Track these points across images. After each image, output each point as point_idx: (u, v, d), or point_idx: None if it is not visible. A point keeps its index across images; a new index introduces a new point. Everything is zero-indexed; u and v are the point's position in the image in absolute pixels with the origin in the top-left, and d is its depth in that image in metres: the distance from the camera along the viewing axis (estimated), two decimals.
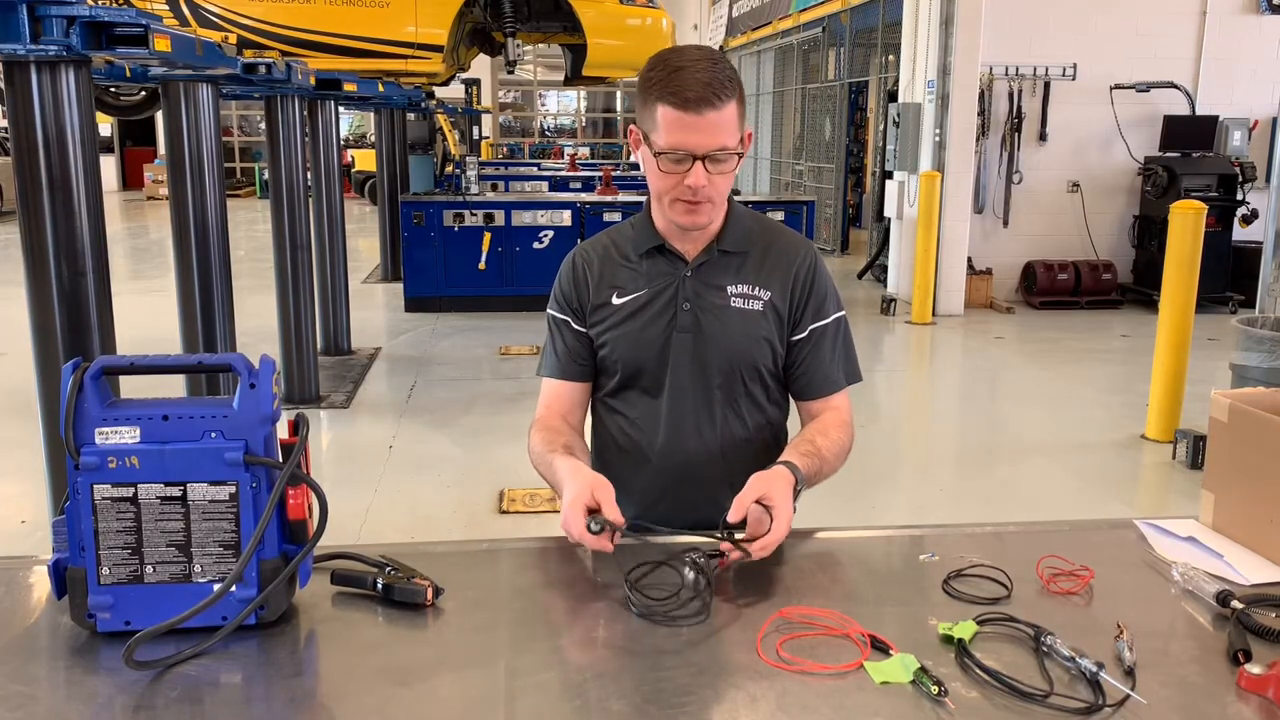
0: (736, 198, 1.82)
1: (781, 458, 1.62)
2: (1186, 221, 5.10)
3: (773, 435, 1.83)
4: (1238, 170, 8.76)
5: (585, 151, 23.37)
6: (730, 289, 1.73)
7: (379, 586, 1.39)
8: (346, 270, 7.23)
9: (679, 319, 1.73)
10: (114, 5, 3.95)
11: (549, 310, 1.83)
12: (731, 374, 1.74)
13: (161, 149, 16.44)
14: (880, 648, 1.26)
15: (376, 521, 4.14)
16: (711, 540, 1.49)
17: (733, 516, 1.47)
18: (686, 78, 1.55)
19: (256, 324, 6.75)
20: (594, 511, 1.47)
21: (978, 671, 1.20)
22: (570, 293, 1.79)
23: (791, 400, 1.85)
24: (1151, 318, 6.21)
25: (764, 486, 1.49)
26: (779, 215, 8.46)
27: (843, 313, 1.80)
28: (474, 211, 8.44)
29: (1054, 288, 9.06)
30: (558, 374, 1.82)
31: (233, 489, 1.28)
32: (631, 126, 1.70)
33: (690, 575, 1.39)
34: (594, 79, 9.37)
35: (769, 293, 1.74)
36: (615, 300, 1.76)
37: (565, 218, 8.47)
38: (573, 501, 1.48)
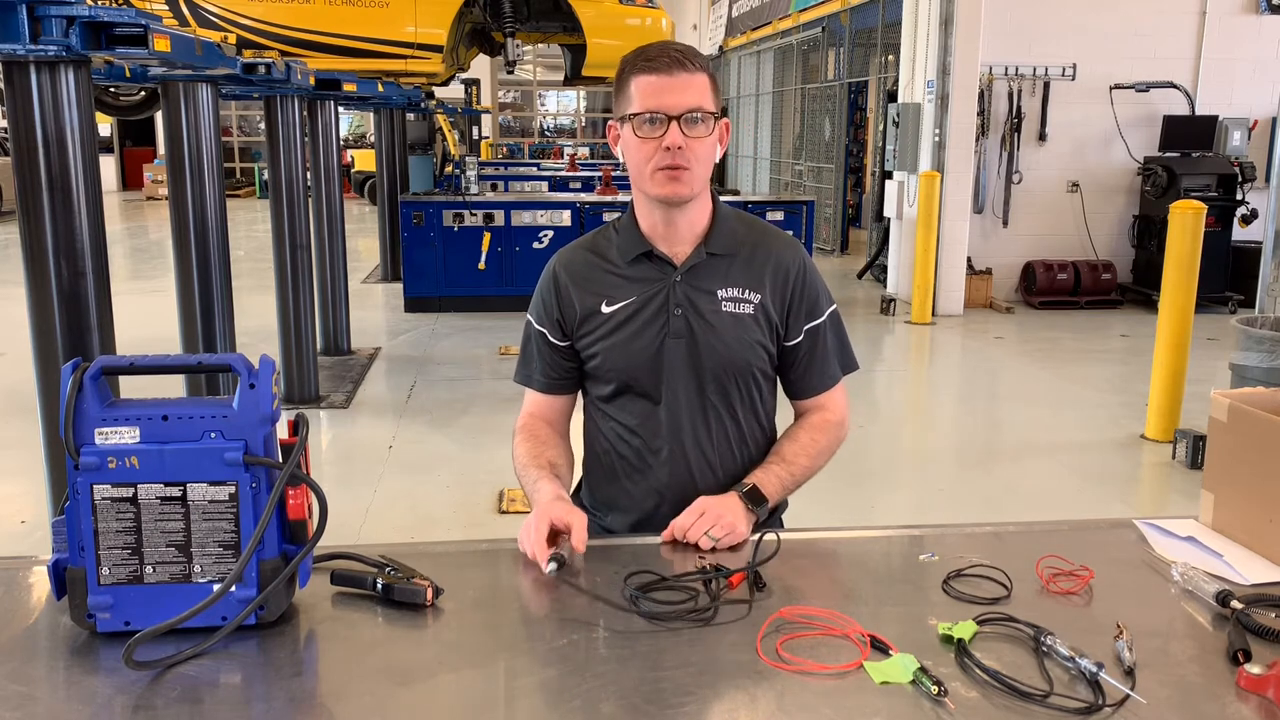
0: (736, 198, 1.84)
1: (745, 480, 1.69)
2: (1186, 221, 5.10)
3: (765, 435, 1.84)
4: (1237, 170, 8.77)
5: (585, 151, 23.37)
6: (721, 293, 1.73)
7: (379, 586, 1.39)
8: (346, 270, 7.23)
9: (671, 325, 1.72)
10: (113, 5, 3.95)
11: (529, 316, 1.82)
12: (726, 378, 1.74)
13: (161, 149, 16.47)
14: (880, 648, 1.26)
15: (376, 521, 4.14)
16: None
17: (665, 535, 1.60)
18: (655, 50, 1.64)
19: (256, 324, 6.75)
20: (558, 534, 1.51)
21: (977, 671, 1.20)
22: (551, 304, 1.78)
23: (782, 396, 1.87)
24: (1151, 318, 6.21)
25: (701, 506, 1.60)
26: (778, 215, 8.46)
27: (834, 305, 1.82)
28: (474, 211, 8.44)
29: (1053, 288, 9.06)
30: (539, 388, 1.82)
31: (232, 489, 1.27)
32: (610, 123, 1.71)
33: (700, 591, 1.40)
34: (594, 79, 9.37)
35: (759, 295, 1.73)
36: (604, 309, 1.74)
37: (565, 218, 8.47)
38: (539, 522, 1.50)
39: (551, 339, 1.79)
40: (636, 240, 1.75)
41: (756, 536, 1.55)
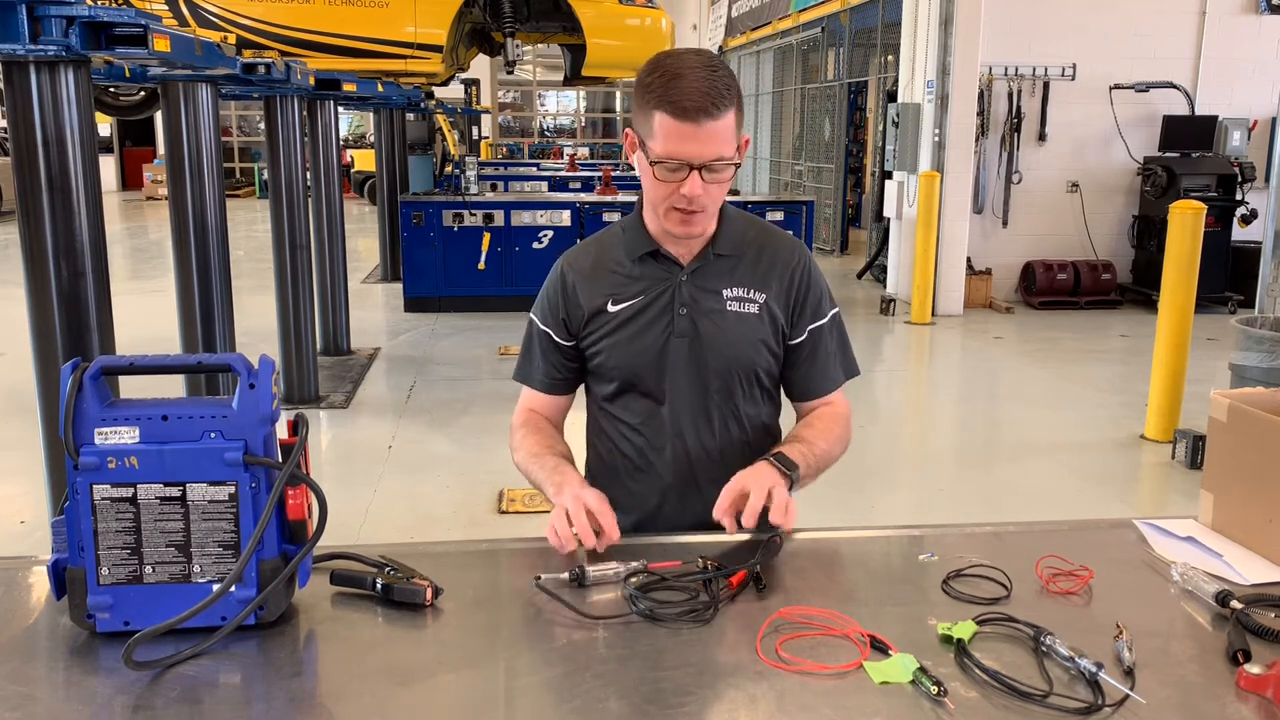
0: (735, 198, 1.83)
1: (770, 453, 1.65)
2: (1186, 221, 5.10)
3: (769, 436, 1.84)
4: (1237, 170, 8.77)
5: (585, 152, 23.36)
6: (726, 292, 1.73)
7: (378, 586, 1.39)
8: (346, 270, 7.23)
9: (676, 324, 1.72)
10: (113, 5, 3.95)
11: (532, 315, 1.82)
12: (729, 377, 1.74)
13: (161, 149, 16.46)
14: (880, 648, 1.26)
15: (376, 521, 4.14)
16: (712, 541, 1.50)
17: (718, 514, 1.55)
18: (684, 86, 1.53)
19: (256, 324, 6.75)
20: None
21: (977, 671, 1.20)
22: (558, 303, 1.78)
23: (785, 400, 1.86)
24: (1151, 318, 6.21)
25: (740, 480, 1.57)
26: (778, 215, 8.46)
27: (837, 309, 1.81)
28: (473, 211, 8.44)
29: (1053, 288, 9.06)
30: (539, 387, 1.82)
31: (232, 489, 1.27)
32: (628, 129, 1.68)
33: (700, 591, 1.40)
34: (593, 79, 9.37)
35: (764, 295, 1.73)
36: (611, 308, 1.74)
37: (565, 218, 8.47)
38: (575, 507, 1.51)
39: (556, 339, 1.79)
40: (643, 240, 1.75)
41: (765, 536, 1.55)
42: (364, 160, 19.01)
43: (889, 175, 9.45)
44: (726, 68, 1.61)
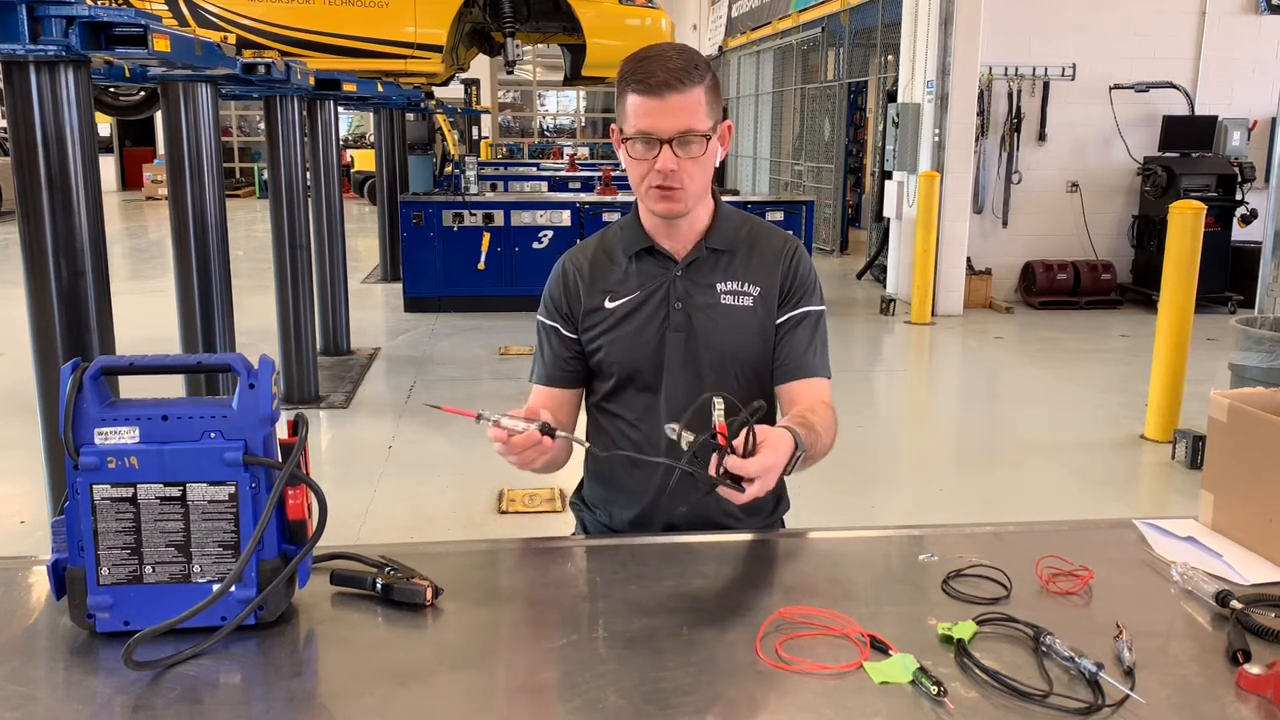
0: (736, 198, 1.84)
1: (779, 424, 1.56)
2: (1185, 221, 5.10)
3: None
4: (1237, 170, 8.77)
5: (584, 151, 23.38)
6: (720, 286, 1.74)
7: (378, 586, 1.39)
8: (346, 270, 7.23)
9: (671, 319, 1.74)
10: (113, 5, 3.96)
11: (538, 317, 1.84)
12: (724, 371, 1.75)
13: (161, 149, 16.46)
14: (880, 648, 1.26)
15: (376, 521, 4.14)
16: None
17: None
18: (651, 64, 1.59)
19: (256, 324, 6.75)
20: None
21: (977, 671, 1.20)
22: (560, 299, 1.80)
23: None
24: (1151, 318, 6.21)
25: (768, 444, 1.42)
26: (778, 215, 8.46)
27: (823, 308, 1.80)
28: (473, 211, 8.44)
29: (1053, 288, 9.06)
30: (545, 380, 1.83)
31: (232, 489, 1.27)
32: (612, 126, 1.72)
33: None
34: (593, 79, 9.37)
35: (758, 288, 1.75)
36: (608, 304, 1.76)
37: (564, 218, 8.47)
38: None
39: (563, 332, 1.81)
40: (639, 237, 1.77)
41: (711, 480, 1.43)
42: (364, 160, 19.00)
43: (889, 175, 9.45)
44: (700, 55, 1.66)
